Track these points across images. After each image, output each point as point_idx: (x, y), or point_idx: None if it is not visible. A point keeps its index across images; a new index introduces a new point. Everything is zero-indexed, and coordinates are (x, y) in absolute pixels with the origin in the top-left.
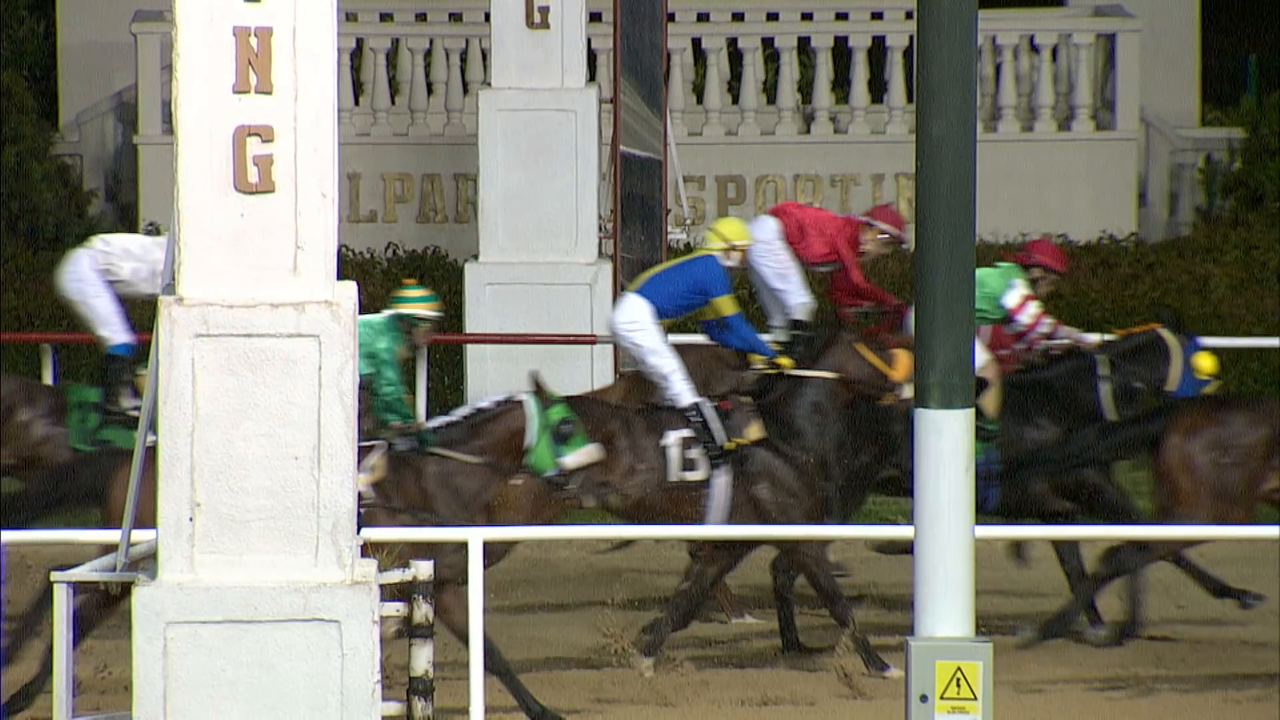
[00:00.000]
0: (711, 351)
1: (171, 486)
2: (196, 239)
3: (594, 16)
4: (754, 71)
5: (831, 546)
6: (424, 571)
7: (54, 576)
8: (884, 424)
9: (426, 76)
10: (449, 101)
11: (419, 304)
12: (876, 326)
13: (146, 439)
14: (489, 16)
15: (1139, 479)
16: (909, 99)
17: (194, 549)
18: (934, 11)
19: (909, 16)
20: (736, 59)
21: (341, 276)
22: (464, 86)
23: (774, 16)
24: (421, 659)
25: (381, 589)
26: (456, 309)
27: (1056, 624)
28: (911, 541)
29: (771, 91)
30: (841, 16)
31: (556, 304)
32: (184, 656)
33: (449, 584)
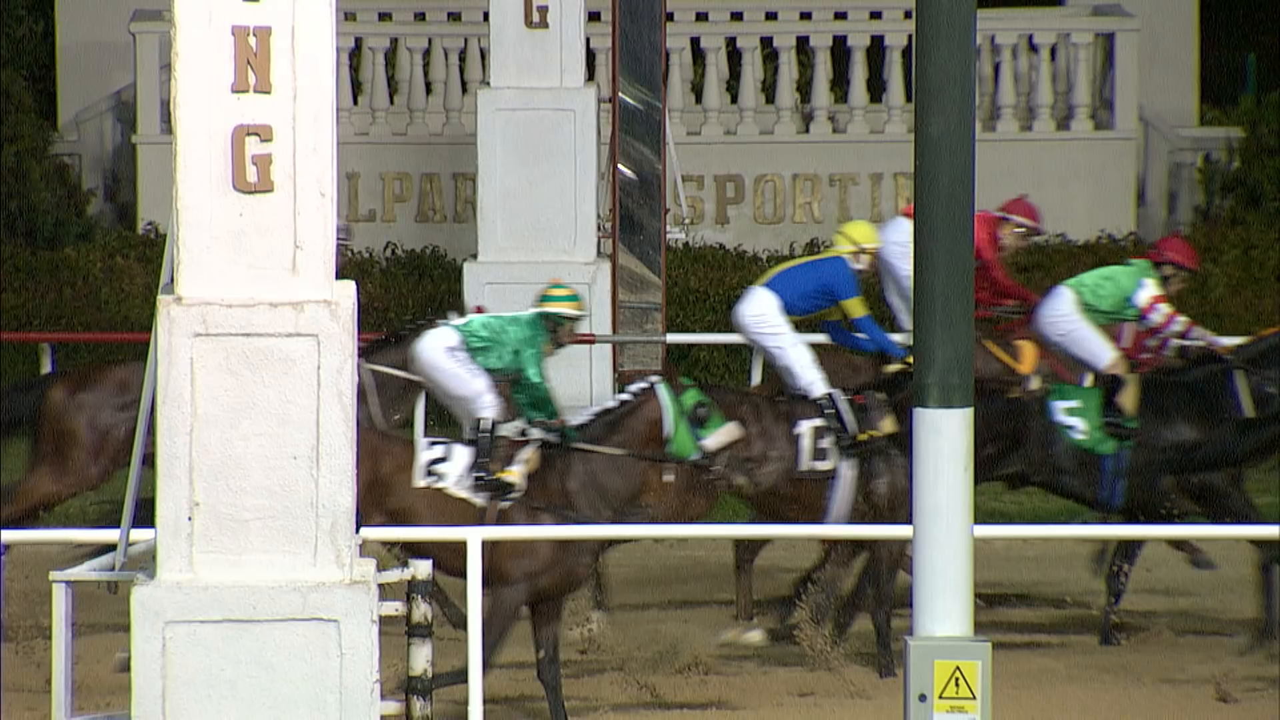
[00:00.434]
0: (832, 351)
1: (170, 486)
2: (195, 238)
3: (593, 16)
4: (753, 71)
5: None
6: (422, 571)
7: (53, 576)
8: (1013, 419)
9: (425, 76)
10: (448, 101)
11: (564, 303)
12: (1009, 324)
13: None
14: (488, 16)
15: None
16: (908, 98)
17: (193, 548)
18: (933, 11)
19: (908, 16)
20: (735, 58)
21: (340, 276)
22: (463, 86)
23: (773, 16)
24: (420, 658)
25: (381, 589)
26: (456, 309)
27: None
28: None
29: (770, 91)
30: (840, 16)
31: None
32: (183, 656)
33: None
